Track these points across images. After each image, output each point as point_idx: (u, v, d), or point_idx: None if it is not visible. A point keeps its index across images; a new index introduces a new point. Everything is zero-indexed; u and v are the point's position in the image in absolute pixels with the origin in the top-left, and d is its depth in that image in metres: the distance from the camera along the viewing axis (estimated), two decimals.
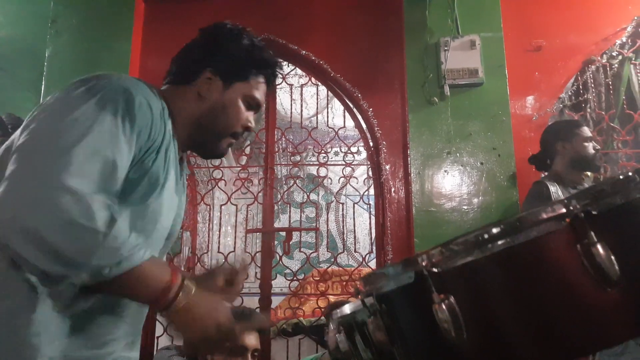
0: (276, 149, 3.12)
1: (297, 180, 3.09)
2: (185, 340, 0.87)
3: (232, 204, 3.08)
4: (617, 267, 0.50)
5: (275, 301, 3.54)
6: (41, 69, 2.84)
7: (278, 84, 3.18)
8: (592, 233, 0.51)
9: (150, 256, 0.77)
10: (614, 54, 2.90)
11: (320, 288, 3.11)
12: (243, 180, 3.10)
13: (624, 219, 0.55)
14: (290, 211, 3.17)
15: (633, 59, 2.93)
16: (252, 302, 2.91)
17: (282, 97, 3.48)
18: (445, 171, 2.70)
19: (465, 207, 2.64)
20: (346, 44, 3.01)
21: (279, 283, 3.44)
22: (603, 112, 2.94)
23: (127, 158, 0.80)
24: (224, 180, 3.13)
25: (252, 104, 1.05)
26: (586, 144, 2.26)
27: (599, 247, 0.50)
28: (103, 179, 0.75)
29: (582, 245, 0.51)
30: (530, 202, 2.35)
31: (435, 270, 0.53)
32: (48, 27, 2.93)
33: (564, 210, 0.52)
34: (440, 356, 0.55)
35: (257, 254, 3.02)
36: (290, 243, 3.15)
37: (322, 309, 2.95)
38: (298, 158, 3.14)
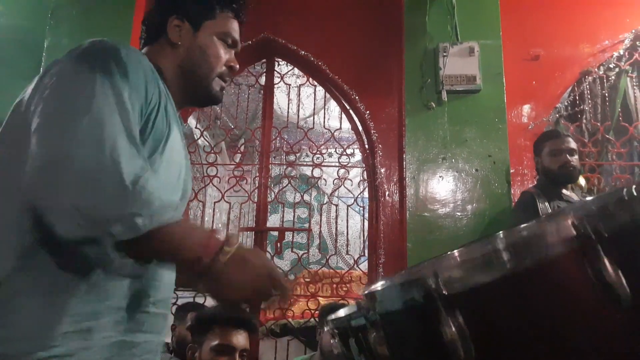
0: (271, 148, 3.11)
1: (291, 180, 3.08)
2: (234, 290, 0.79)
3: (226, 201, 3.06)
4: (627, 288, 0.50)
5: None
6: (39, 60, 2.79)
7: (275, 84, 3.16)
8: (603, 253, 0.50)
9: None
10: (611, 65, 2.93)
11: (310, 289, 3.10)
12: (237, 178, 3.08)
13: (631, 238, 0.54)
14: (283, 211, 3.15)
15: (630, 71, 2.95)
16: None
17: (279, 97, 3.46)
18: (440, 176, 2.70)
19: (458, 214, 2.64)
20: (345, 46, 3.00)
21: None
22: (598, 124, 2.96)
23: (135, 116, 0.81)
24: (218, 177, 3.12)
25: (228, 41, 1.04)
26: (552, 157, 2.21)
27: (609, 267, 0.50)
28: (125, 143, 0.75)
29: (592, 266, 0.50)
30: (516, 212, 2.36)
31: (444, 290, 0.53)
32: (48, 18, 2.89)
33: (573, 230, 0.51)
34: None
35: None
36: (282, 242, 3.14)
37: (312, 311, 2.94)
38: (293, 158, 3.13)
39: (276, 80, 3.16)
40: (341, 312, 1.14)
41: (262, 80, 3.20)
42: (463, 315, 0.50)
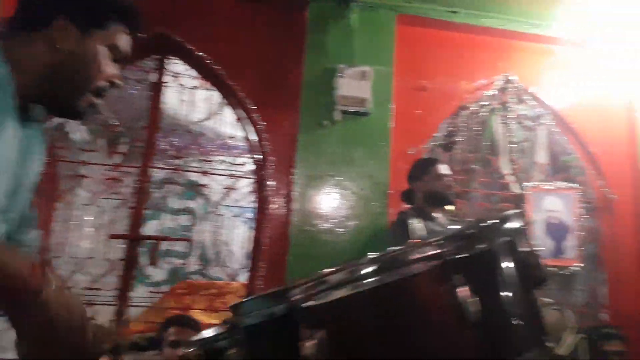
0: (156, 150, 2.92)
1: (174, 186, 2.92)
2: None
3: (98, 205, 2.80)
4: (476, 309, 0.52)
5: (134, 313, 3.27)
6: None
7: (164, 83, 2.99)
8: (458, 275, 0.52)
9: None
10: (483, 103, 3.25)
11: (184, 301, 2.94)
12: (113, 180, 2.84)
13: (487, 263, 0.57)
14: (162, 219, 2.97)
15: (498, 110, 3.30)
16: (107, 313, 2.66)
17: (171, 97, 3.28)
18: (326, 193, 2.76)
19: (339, 229, 2.72)
20: (246, 54, 2.95)
21: (139, 293, 3.18)
22: (468, 154, 3.26)
23: None
24: (91, 177, 2.84)
25: (116, 55, 0.98)
26: (436, 181, 2.43)
27: (463, 288, 0.52)
28: None
29: (447, 286, 0.52)
30: (391, 231, 2.51)
31: (307, 304, 0.51)
32: None
33: (435, 251, 0.53)
34: None
35: (118, 262, 2.76)
36: (158, 251, 2.95)
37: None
38: (178, 162, 2.98)
39: (168, 79, 2.99)
40: (209, 332, 1.08)
41: (153, 77, 3.01)
42: (325, 329, 0.50)
